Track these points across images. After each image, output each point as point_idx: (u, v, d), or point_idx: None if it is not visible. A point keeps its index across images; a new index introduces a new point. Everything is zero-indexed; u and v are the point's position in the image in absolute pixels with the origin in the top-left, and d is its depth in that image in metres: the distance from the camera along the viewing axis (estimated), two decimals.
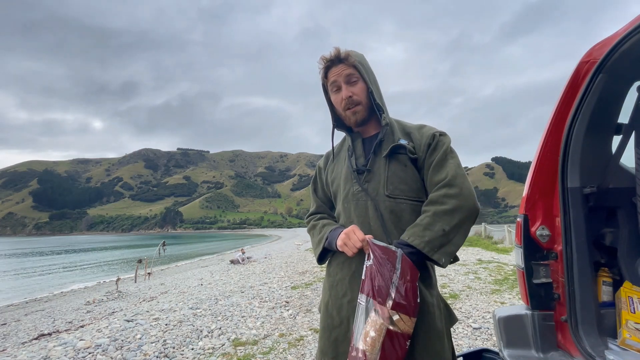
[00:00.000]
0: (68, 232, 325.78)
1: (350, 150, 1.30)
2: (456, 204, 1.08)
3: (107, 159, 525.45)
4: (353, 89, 1.23)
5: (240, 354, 3.35)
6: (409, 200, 1.18)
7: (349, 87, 1.23)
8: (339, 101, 1.25)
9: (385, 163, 1.21)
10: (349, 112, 1.24)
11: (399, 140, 1.21)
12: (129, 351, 3.53)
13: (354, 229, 1.15)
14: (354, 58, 1.22)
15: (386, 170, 1.20)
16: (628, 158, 1.50)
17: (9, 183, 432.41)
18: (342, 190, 1.27)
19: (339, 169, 1.33)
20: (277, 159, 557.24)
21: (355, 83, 1.23)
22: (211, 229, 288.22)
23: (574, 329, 1.36)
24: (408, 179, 1.18)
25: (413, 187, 1.19)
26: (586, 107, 1.38)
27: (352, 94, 1.22)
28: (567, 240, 1.40)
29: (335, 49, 1.22)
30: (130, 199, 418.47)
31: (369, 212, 1.19)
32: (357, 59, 1.23)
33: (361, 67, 1.23)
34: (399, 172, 1.19)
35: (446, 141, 1.20)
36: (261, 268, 10.71)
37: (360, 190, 1.22)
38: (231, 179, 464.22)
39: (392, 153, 1.21)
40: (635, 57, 1.30)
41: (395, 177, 1.18)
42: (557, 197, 1.45)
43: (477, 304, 4.80)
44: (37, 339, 5.04)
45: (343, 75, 1.22)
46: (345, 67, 1.22)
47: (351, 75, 1.22)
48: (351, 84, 1.23)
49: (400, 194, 1.17)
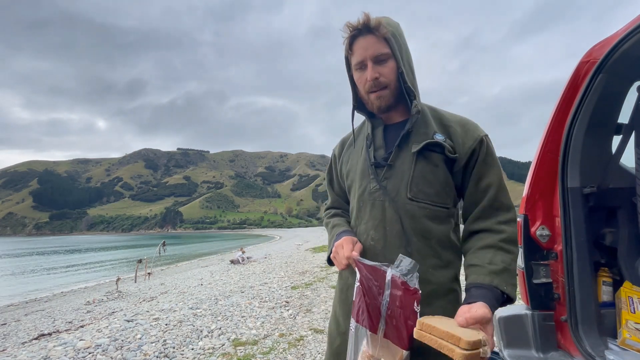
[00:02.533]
0: (68, 232, 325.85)
1: (370, 140, 1.11)
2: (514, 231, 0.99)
3: (107, 159, 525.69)
4: (381, 68, 1.01)
5: (240, 354, 3.35)
6: (432, 205, 1.01)
7: (376, 67, 1.01)
8: (362, 81, 1.05)
9: (412, 160, 1.01)
10: (373, 96, 1.04)
11: (434, 135, 1.02)
12: (129, 351, 3.53)
13: (344, 243, 1.02)
14: (386, 28, 0.99)
15: (412, 169, 1.01)
16: (628, 158, 1.50)
17: (9, 183, 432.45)
18: (358, 186, 1.11)
19: (355, 159, 1.15)
20: (277, 159, 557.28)
21: (385, 62, 1.01)
22: (211, 229, 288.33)
23: (574, 329, 1.36)
24: (436, 182, 1.01)
25: (440, 192, 1.01)
26: (586, 107, 1.38)
27: (379, 75, 1.01)
28: (567, 240, 1.40)
29: (365, 15, 0.99)
30: (130, 199, 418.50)
31: (386, 215, 1.02)
32: (391, 29, 1.01)
33: (394, 41, 1.01)
34: (427, 173, 1.01)
35: (493, 148, 1.05)
36: (261, 268, 10.71)
37: (377, 188, 1.04)
38: (231, 179, 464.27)
39: (423, 149, 1.01)
40: (635, 57, 1.30)
41: (422, 178, 1.01)
42: (557, 197, 1.45)
43: None
44: (37, 339, 5.04)
45: (371, 51, 1.00)
46: (375, 40, 1.00)
47: (381, 53, 1.00)
48: (379, 63, 1.01)
49: (425, 198, 1.00)
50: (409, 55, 1.06)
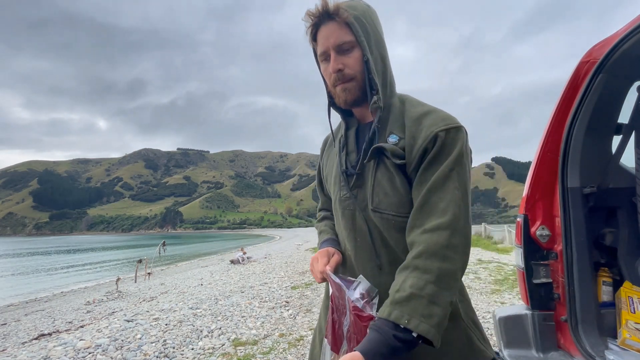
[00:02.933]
0: (68, 232, 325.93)
1: (342, 142, 1.01)
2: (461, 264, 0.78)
3: (107, 159, 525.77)
4: (345, 59, 0.90)
5: (240, 354, 3.35)
6: (397, 216, 0.88)
7: (339, 57, 0.90)
8: (328, 74, 0.93)
9: (372, 168, 0.92)
10: (338, 88, 0.92)
11: (388, 137, 0.90)
12: (129, 351, 3.53)
13: (319, 257, 0.97)
14: (347, 12, 0.87)
15: (372, 178, 0.91)
16: (628, 158, 1.50)
17: (9, 183, 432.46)
18: (333, 193, 1.04)
19: (332, 163, 1.07)
20: (277, 159, 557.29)
21: (349, 51, 0.90)
22: (211, 229, 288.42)
23: (574, 329, 1.36)
24: (395, 191, 0.88)
25: (402, 201, 0.88)
26: (586, 107, 1.38)
27: (343, 65, 0.89)
28: (567, 240, 1.40)
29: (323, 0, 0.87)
30: (130, 199, 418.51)
31: (356, 225, 0.95)
32: (354, 12, 0.88)
33: (358, 26, 0.88)
34: (384, 181, 0.89)
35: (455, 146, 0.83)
36: (261, 268, 10.71)
37: (348, 197, 0.96)
38: (231, 179, 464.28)
39: (376, 155, 0.90)
40: (635, 57, 1.30)
41: (381, 187, 0.90)
42: (557, 197, 1.45)
43: (477, 304, 4.80)
44: (37, 339, 5.04)
45: (332, 40, 0.89)
46: (336, 27, 0.88)
47: (343, 41, 0.88)
48: (343, 53, 0.90)
49: (387, 209, 0.89)
50: (379, 42, 0.93)
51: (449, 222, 0.77)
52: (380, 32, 0.95)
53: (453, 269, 0.75)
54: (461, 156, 0.83)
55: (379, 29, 0.94)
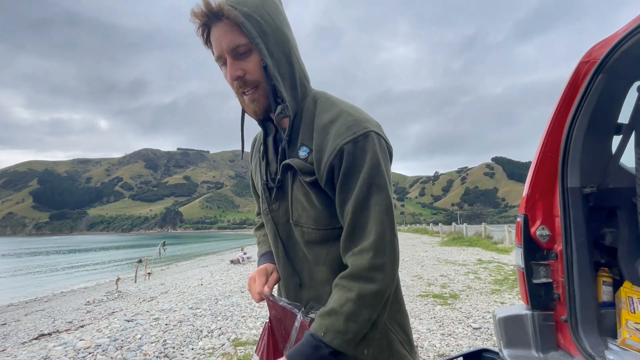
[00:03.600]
0: (68, 232, 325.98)
1: (262, 151, 0.93)
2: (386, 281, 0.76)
3: (107, 159, 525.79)
4: (244, 64, 0.79)
5: (240, 354, 3.35)
6: (317, 229, 0.83)
7: (236, 62, 0.79)
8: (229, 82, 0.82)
9: (289, 182, 0.85)
10: (246, 99, 0.82)
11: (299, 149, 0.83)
12: (129, 351, 3.53)
13: (256, 276, 0.93)
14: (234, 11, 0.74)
15: (290, 193, 0.85)
16: (628, 158, 1.50)
17: (9, 183, 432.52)
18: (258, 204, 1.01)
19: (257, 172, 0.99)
20: None
21: (247, 54, 0.78)
22: (211, 229, 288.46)
23: (574, 329, 1.36)
24: (312, 206, 0.83)
25: (321, 215, 0.83)
26: (586, 107, 1.38)
27: (242, 72, 0.79)
28: (567, 240, 1.40)
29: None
30: (130, 199, 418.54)
31: (278, 240, 0.90)
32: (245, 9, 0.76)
33: (250, 26, 0.76)
34: (300, 196, 0.84)
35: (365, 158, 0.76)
36: None
37: (269, 210, 0.91)
38: (231, 179, 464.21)
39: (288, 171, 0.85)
40: (635, 57, 1.30)
41: (298, 202, 0.85)
42: (557, 197, 1.45)
43: (477, 304, 4.80)
44: (37, 339, 5.04)
45: (225, 43, 0.77)
46: (227, 28, 0.76)
47: (237, 44, 0.77)
48: (240, 57, 0.79)
49: (306, 223, 0.84)
50: (281, 39, 0.80)
51: (372, 243, 0.75)
52: (282, 25, 0.81)
53: (375, 289, 0.74)
54: (375, 167, 0.77)
55: (281, 22, 0.81)
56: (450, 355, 3.09)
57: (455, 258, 10.05)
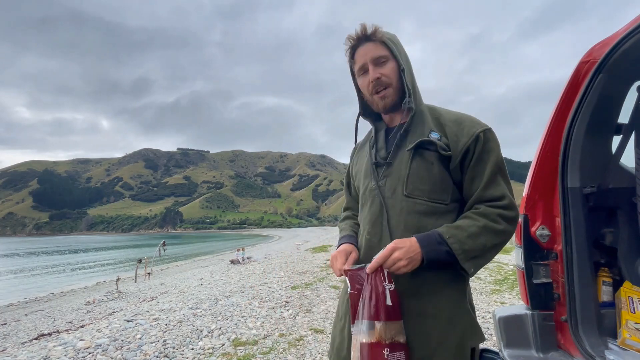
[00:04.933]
0: (68, 232, 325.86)
1: (373, 141, 1.19)
2: (508, 228, 0.99)
3: (107, 159, 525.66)
4: (382, 69, 1.08)
5: (240, 354, 3.35)
6: (430, 201, 1.04)
7: (376, 68, 1.08)
8: (366, 85, 1.11)
9: (408, 158, 1.07)
10: (377, 97, 1.10)
11: (429, 134, 1.06)
12: (129, 351, 3.53)
13: (338, 255, 1.09)
14: (382, 34, 1.08)
15: (408, 167, 1.06)
16: (628, 158, 1.50)
17: (9, 183, 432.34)
18: (362, 185, 1.19)
19: (362, 161, 1.24)
20: (277, 159, 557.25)
21: (385, 63, 1.08)
22: (211, 229, 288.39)
23: (574, 329, 1.36)
24: (432, 179, 1.04)
25: (436, 189, 1.04)
26: (586, 107, 1.38)
27: (380, 75, 1.08)
28: (567, 240, 1.40)
29: (362, 25, 1.07)
30: (130, 199, 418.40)
31: (383, 211, 1.08)
32: (388, 35, 1.10)
33: (392, 44, 1.08)
34: (421, 170, 1.05)
35: (494, 146, 1.04)
36: (261, 268, 10.70)
37: (376, 186, 1.11)
38: (231, 179, 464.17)
39: (418, 148, 1.06)
40: (635, 57, 1.30)
41: (416, 176, 1.05)
42: (557, 197, 1.45)
43: (477, 304, 4.80)
44: (37, 339, 5.04)
45: (370, 55, 1.08)
46: (373, 45, 1.08)
47: (380, 55, 1.08)
48: (380, 65, 1.08)
49: (421, 195, 1.04)
50: (408, 59, 1.12)
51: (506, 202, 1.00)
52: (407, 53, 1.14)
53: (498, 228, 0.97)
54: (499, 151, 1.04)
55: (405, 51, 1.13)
56: None
57: None
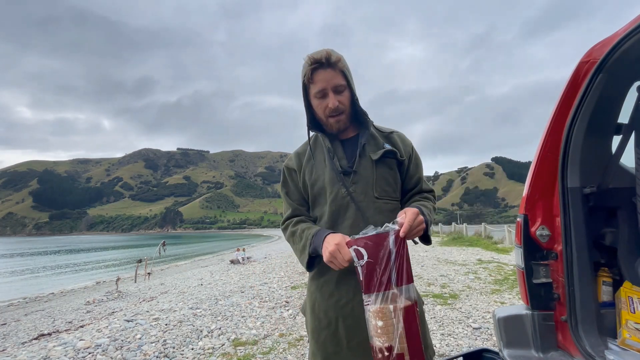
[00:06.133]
0: (68, 232, 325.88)
1: (331, 152, 1.30)
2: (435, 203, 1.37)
3: (107, 159, 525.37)
4: (340, 97, 1.22)
5: (240, 354, 3.35)
6: (392, 200, 1.29)
7: (336, 96, 1.22)
8: (323, 107, 1.24)
9: (372, 165, 1.26)
10: (332, 120, 1.25)
11: (384, 145, 1.30)
12: (129, 351, 3.53)
13: (340, 248, 1.08)
14: (342, 64, 1.21)
15: (374, 173, 1.26)
16: (628, 158, 1.50)
17: (9, 183, 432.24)
18: (329, 193, 1.27)
19: (320, 170, 1.31)
20: (277, 159, 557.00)
21: (342, 92, 1.23)
22: (211, 229, 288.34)
23: (574, 329, 1.36)
24: (392, 182, 1.29)
25: (395, 189, 1.30)
26: (586, 107, 1.38)
27: (339, 103, 1.22)
28: (567, 240, 1.40)
29: (326, 52, 1.18)
30: (130, 199, 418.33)
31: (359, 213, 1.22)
32: (346, 65, 1.22)
33: (348, 74, 1.23)
34: (385, 174, 1.28)
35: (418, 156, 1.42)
36: (261, 268, 10.70)
37: (347, 192, 1.24)
38: (231, 179, 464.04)
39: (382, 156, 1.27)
40: (635, 57, 1.30)
41: (383, 179, 1.27)
42: (557, 197, 1.45)
43: (477, 304, 4.80)
44: (37, 339, 5.04)
45: (332, 84, 1.20)
46: (334, 73, 1.20)
47: (340, 84, 1.21)
48: (338, 93, 1.22)
49: (386, 195, 1.27)
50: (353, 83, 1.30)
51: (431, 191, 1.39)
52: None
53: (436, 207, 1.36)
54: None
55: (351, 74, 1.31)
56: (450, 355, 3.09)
57: (455, 258, 10.05)
